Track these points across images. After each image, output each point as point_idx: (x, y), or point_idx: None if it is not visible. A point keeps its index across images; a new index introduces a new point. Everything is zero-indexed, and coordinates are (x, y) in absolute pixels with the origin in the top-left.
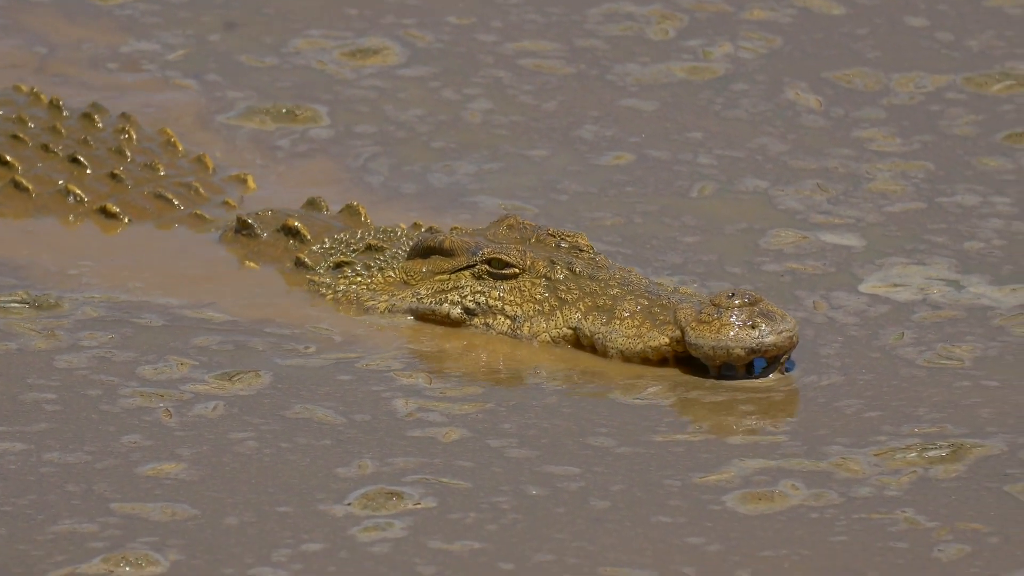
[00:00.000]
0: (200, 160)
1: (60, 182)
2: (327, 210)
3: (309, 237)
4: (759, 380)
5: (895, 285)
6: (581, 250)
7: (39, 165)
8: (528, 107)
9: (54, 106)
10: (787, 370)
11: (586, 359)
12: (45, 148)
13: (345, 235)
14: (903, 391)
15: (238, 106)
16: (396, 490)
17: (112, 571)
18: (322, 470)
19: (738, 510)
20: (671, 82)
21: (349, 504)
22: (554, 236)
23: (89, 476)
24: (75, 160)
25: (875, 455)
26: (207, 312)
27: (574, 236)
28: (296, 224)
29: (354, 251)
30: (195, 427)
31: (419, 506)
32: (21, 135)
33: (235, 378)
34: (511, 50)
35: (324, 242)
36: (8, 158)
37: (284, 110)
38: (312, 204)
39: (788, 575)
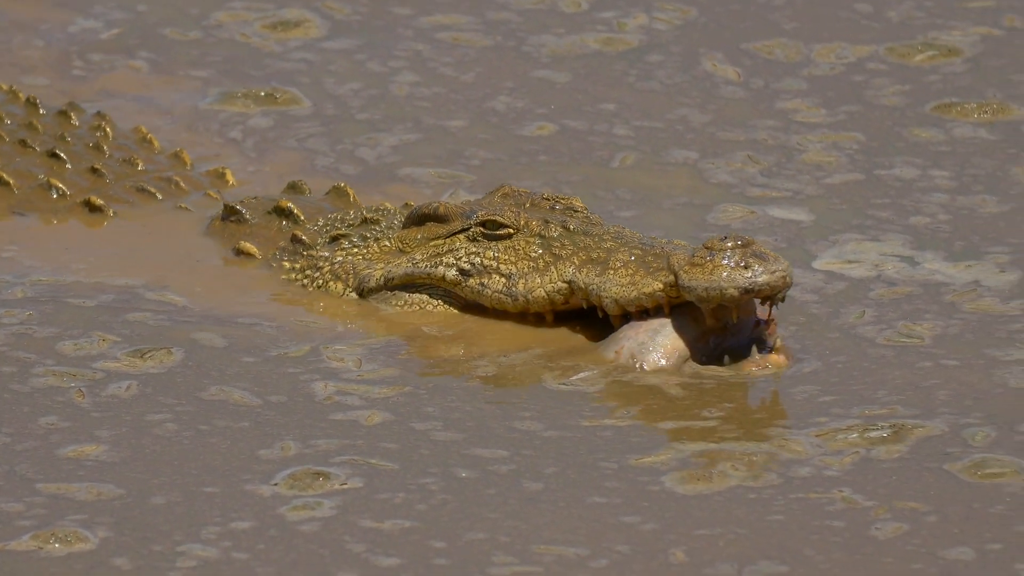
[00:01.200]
0: (177, 155)
1: (41, 176)
2: (309, 193)
3: (303, 218)
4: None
5: (849, 261)
6: (576, 211)
7: (17, 160)
8: (448, 79)
9: (31, 104)
10: (796, 383)
11: (523, 339)
12: (23, 144)
13: (338, 215)
14: (870, 372)
15: (211, 92)
16: (323, 470)
17: (42, 547)
18: (244, 452)
19: (676, 490)
20: (585, 53)
21: (276, 484)
22: (548, 200)
23: (10, 457)
24: (54, 155)
25: (817, 436)
26: (166, 295)
27: (568, 199)
28: (289, 205)
29: (349, 226)
30: (110, 408)
31: (346, 486)
32: None
33: (147, 355)
34: (426, 23)
35: (318, 221)
36: None
37: (263, 93)
38: (294, 188)
39: (723, 553)
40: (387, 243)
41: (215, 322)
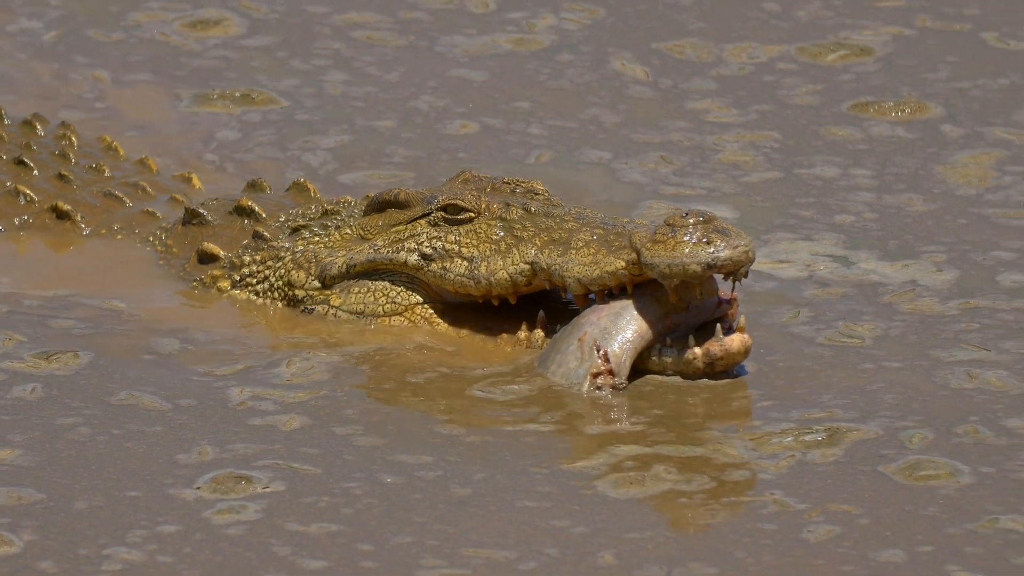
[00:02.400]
0: (143, 162)
1: (8, 183)
2: (270, 191)
3: (264, 215)
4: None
5: (781, 261)
6: (537, 194)
7: None
8: (374, 78)
9: None
10: (739, 374)
11: (448, 355)
12: None
13: (299, 209)
14: (813, 374)
15: (185, 96)
16: (245, 474)
17: None
18: (161, 456)
19: (608, 494)
20: (498, 53)
21: (199, 488)
22: (509, 183)
23: None
24: (21, 162)
25: (751, 440)
26: (109, 303)
27: (529, 182)
28: (250, 203)
29: (310, 219)
30: (18, 411)
31: (268, 490)
32: None
33: (52, 357)
34: (341, 21)
35: (279, 218)
36: None
37: (238, 94)
38: (254, 186)
39: (652, 555)
40: (348, 231)
41: (147, 330)
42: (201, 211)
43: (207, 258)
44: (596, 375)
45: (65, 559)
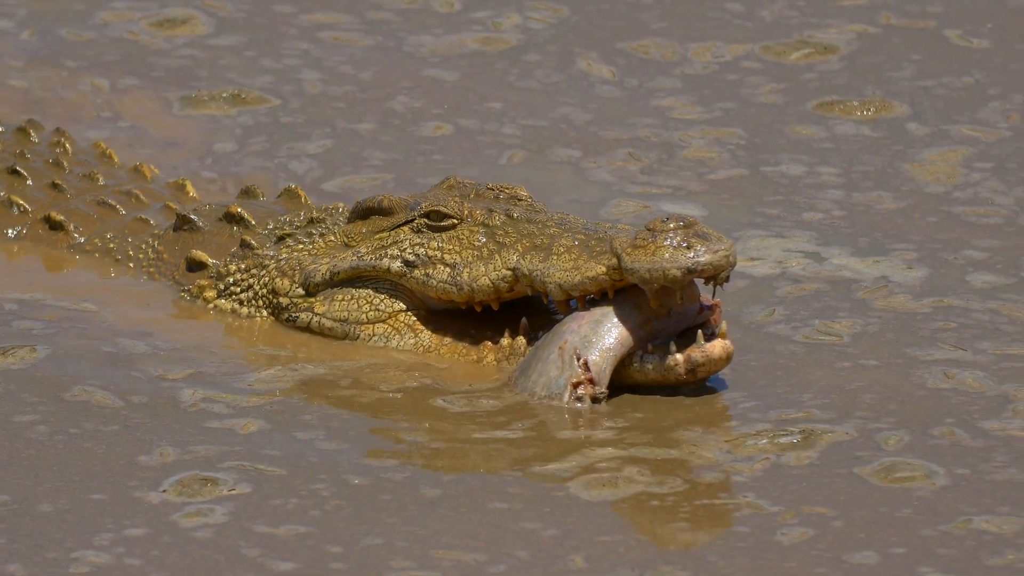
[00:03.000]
0: (138, 170)
1: (1, 193)
2: (263, 197)
3: (253, 222)
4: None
5: (752, 259)
6: (520, 199)
7: None
8: (348, 77)
9: None
10: (715, 387)
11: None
12: None
13: (288, 216)
14: (791, 372)
15: (173, 99)
16: (210, 476)
17: None
18: (122, 457)
19: (580, 496)
20: (466, 53)
21: (164, 491)
22: (493, 189)
23: None
24: (14, 172)
25: (727, 441)
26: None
27: (513, 188)
28: (239, 210)
29: (297, 227)
30: None
31: (234, 492)
32: None
33: (9, 353)
34: (307, 21)
35: (268, 225)
36: None
37: (226, 95)
38: (247, 193)
39: (623, 558)
40: (332, 238)
41: (112, 332)
42: (192, 217)
43: (196, 266)
44: (576, 385)
45: (33, 562)
